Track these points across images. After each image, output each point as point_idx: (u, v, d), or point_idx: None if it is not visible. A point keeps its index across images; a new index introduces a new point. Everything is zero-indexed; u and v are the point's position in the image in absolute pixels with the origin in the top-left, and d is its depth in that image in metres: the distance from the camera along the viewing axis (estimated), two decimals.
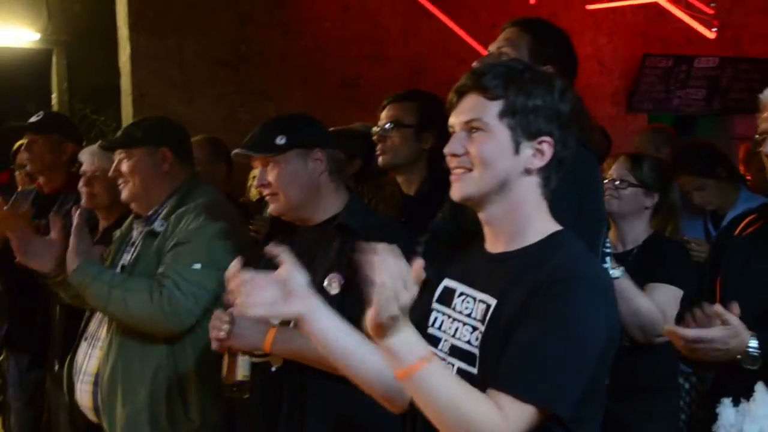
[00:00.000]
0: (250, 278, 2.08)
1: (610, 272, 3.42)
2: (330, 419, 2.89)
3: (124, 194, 3.75)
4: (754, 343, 2.74)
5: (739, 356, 2.75)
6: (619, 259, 3.74)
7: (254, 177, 5.81)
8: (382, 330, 1.89)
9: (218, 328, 2.91)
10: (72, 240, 3.55)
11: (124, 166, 3.71)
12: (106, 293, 3.50)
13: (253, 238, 3.95)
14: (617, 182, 3.93)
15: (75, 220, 3.61)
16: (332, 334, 2.10)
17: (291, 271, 2.09)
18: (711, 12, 8.64)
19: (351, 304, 2.63)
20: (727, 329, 2.72)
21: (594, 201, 3.01)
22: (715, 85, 9.72)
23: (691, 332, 2.78)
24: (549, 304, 2.01)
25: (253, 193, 5.69)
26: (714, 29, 8.61)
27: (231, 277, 2.12)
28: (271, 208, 3.22)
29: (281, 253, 2.11)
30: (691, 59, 9.54)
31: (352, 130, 4.32)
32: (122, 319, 3.56)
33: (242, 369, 2.91)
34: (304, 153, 3.11)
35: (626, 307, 3.48)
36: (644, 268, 3.88)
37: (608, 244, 3.37)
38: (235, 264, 2.17)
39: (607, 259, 3.33)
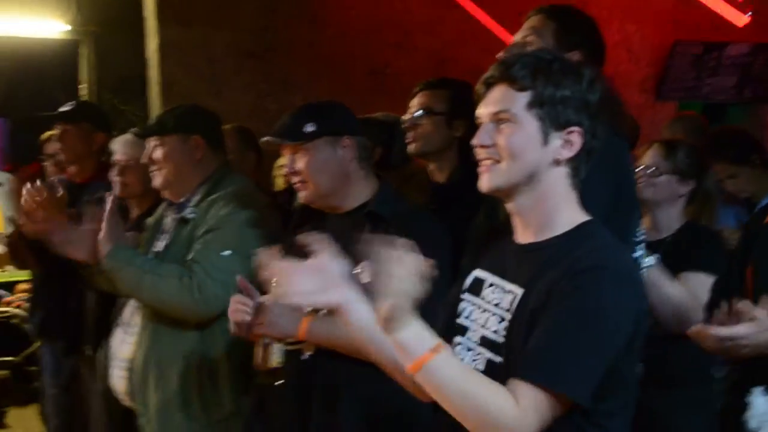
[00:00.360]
0: (287, 266, 2.07)
1: (644, 260, 3.42)
2: (363, 406, 2.89)
3: (157, 181, 3.76)
4: None
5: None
6: (653, 247, 3.67)
7: (280, 166, 5.86)
8: (391, 323, 1.91)
9: (240, 311, 2.92)
10: (104, 226, 3.55)
11: (157, 154, 3.71)
12: (138, 279, 3.52)
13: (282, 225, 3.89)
14: (651, 170, 3.87)
15: (107, 206, 3.61)
16: (368, 324, 2.06)
17: (329, 260, 2.08)
18: None
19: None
20: (755, 325, 2.70)
21: (627, 188, 2.98)
22: (746, 72, 9.53)
23: (721, 331, 2.76)
24: (572, 292, 2.00)
25: (279, 182, 5.73)
26: (747, 15, 8.53)
27: (265, 264, 2.11)
28: (301, 196, 3.20)
29: (319, 241, 2.11)
30: (722, 46, 9.35)
31: (372, 119, 4.24)
32: (153, 304, 3.58)
33: (276, 356, 2.91)
34: (333, 140, 3.10)
35: (658, 296, 3.45)
36: (678, 256, 3.82)
37: (641, 232, 3.31)
38: (268, 252, 2.16)
39: (640, 247, 3.27)
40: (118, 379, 3.79)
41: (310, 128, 3.07)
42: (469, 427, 2.00)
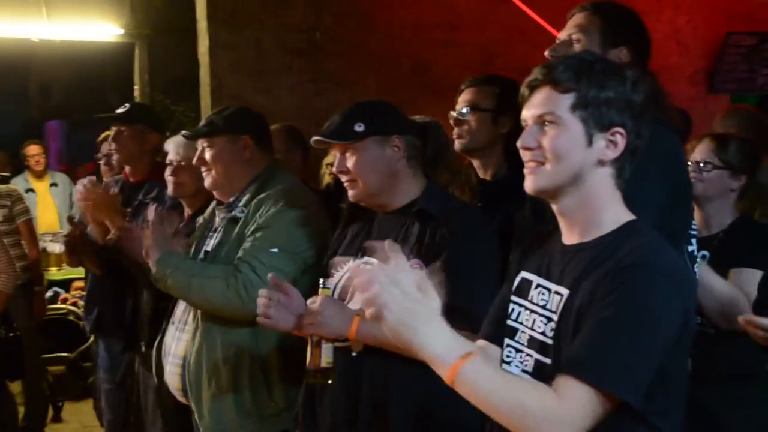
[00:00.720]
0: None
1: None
2: (412, 405, 2.89)
3: (207, 182, 3.80)
4: None
5: None
6: (704, 243, 3.69)
7: (328, 164, 5.89)
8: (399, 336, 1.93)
9: (265, 305, 2.95)
10: (152, 234, 3.60)
11: (207, 155, 3.76)
12: (186, 283, 3.56)
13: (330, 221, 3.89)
14: (701, 164, 3.83)
15: (152, 216, 3.66)
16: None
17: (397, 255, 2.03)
18: None
19: None
20: None
21: (682, 183, 2.97)
22: None
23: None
24: (617, 290, 1.99)
25: (327, 179, 5.78)
26: None
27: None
28: (350, 195, 3.18)
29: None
30: None
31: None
32: (203, 306, 3.62)
33: (326, 356, 2.90)
34: (382, 140, 3.09)
35: (706, 293, 3.44)
36: (730, 252, 3.79)
37: (694, 227, 3.29)
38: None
39: (693, 241, 3.24)
40: (172, 376, 3.82)
41: (359, 128, 3.06)
42: (514, 429, 1.99)
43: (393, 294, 1.89)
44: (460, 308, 2.51)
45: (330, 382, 2.93)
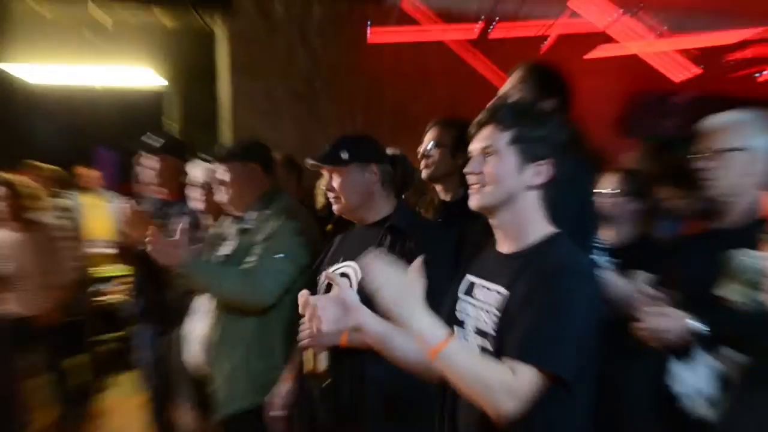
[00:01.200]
0: (316, 302, 2.34)
1: (602, 262, 3.44)
2: (381, 384, 2.92)
3: (223, 198, 3.87)
4: (695, 323, 2.71)
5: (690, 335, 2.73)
6: (616, 253, 3.66)
7: (324, 188, 5.86)
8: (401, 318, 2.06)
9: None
10: (181, 242, 3.63)
11: (225, 176, 3.83)
12: (209, 281, 3.64)
13: (320, 232, 4.00)
14: (611, 191, 3.95)
15: (180, 227, 3.68)
16: (383, 336, 2.27)
17: (345, 291, 2.32)
18: (686, 60, 8.58)
19: None
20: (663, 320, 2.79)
21: (588, 206, 3.12)
22: (690, 116, 9.59)
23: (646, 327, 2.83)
24: (548, 289, 2.09)
25: (320, 200, 5.75)
26: (689, 72, 8.56)
27: (303, 305, 2.39)
28: (334, 208, 3.26)
29: (335, 278, 2.39)
30: (672, 95, 9.55)
31: None
32: (222, 298, 3.68)
33: (323, 362, 2.99)
34: (362, 166, 3.17)
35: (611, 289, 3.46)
36: (633, 261, 3.75)
37: (600, 241, 3.35)
38: (304, 294, 2.47)
39: (599, 252, 3.30)
40: (196, 353, 3.87)
41: (344, 155, 3.15)
42: (477, 400, 2.06)
43: (390, 281, 2.08)
44: None
45: (328, 381, 3.00)
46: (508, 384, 2.00)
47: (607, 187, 3.97)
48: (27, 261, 5.60)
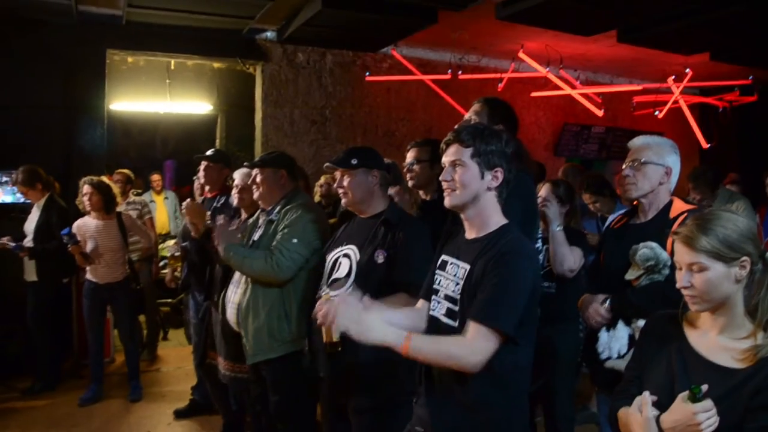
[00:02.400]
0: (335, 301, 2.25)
1: (555, 229, 3.77)
2: (371, 360, 2.81)
3: (256, 195, 3.80)
4: (606, 303, 2.86)
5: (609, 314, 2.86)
6: (546, 241, 3.88)
7: (320, 185, 5.84)
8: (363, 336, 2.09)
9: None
10: (219, 231, 3.63)
11: (258, 179, 3.75)
12: (240, 261, 3.53)
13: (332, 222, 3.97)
14: (546, 197, 3.87)
15: (219, 221, 3.71)
16: (388, 319, 2.17)
17: (353, 300, 2.22)
18: (600, 101, 8.68)
19: (391, 270, 2.90)
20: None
21: (530, 208, 3.04)
22: (603, 142, 9.87)
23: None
24: (500, 266, 2.12)
25: (316, 197, 5.84)
26: (602, 110, 8.58)
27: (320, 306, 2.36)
28: (342, 202, 3.22)
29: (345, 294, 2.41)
30: (590, 127, 9.65)
31: None
32: (250, 274, 3.57)
33: (335, 334, 2.79)
34: (367, 171, 3.11)
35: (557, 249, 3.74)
36: None
37: (540, 234, 3.49)
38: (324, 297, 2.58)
39: (539, 240, 3.42)
40: (231, 315, 3.73)
41: (354, 161, 3.10)
42: (449, 366, 2.12)
43: (351, 318, 2.11)
44: (407, 282, 2.76)
45: (340, 349, 2.81)
46: (467, 346, 2.08)
47: (542, 194, 3.90)
48: (105, 242, 5.48)
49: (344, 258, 3.07)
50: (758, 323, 1.85)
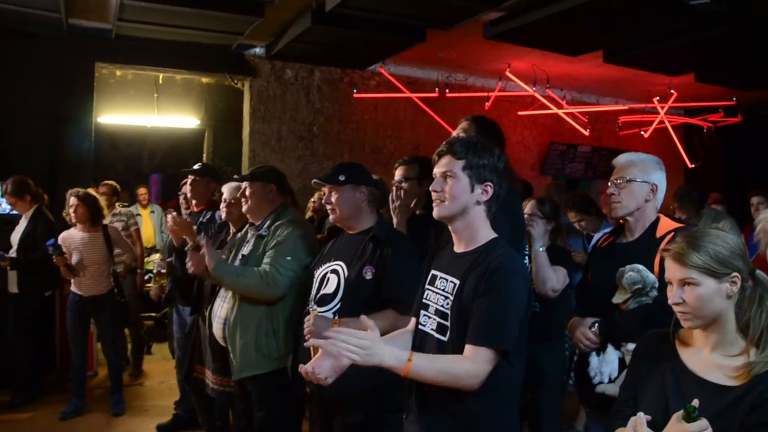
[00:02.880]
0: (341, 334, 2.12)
1: (538, 250, 3.74)
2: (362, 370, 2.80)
3: (245, 208, 3.77)
4: (594, 327, 2.82)
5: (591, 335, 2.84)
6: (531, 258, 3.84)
7: (313, 201, 5.86)
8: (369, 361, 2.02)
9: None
10: (207, 251, 3.59)
11: (247, 192, 3.73)
12: (234, 279, 3.50)
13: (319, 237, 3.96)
14: (531, 215, 3.87)
15: (202, 242, 3.72)
16: (394, 355, 2.07)
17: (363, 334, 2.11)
18: (586, 120, 8.74)
19: (379, 286, 2.89)
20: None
21: (517, 225, 3.03)
22: (589, 162, 9.90)
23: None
24: (493, 285, 2.09)
25: (308, 214, 5.87)
26: (588, 130, 8.65)
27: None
28: (330, 218, 3.20)
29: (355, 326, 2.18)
30: (576, 146, 9.70)
31: None
32: (245, 292, 3.54)
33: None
34: (355, 187, 3.10)
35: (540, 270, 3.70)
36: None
37: (527, 250, 3.46)
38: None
39: (526, 257, 3.38)
40: (217, 329, 3.73)
41: (341, 177, 3.09)
42: (449, 387, 2.10)
43: (370, 346, 2.01)
44: (395, 299, 2.80)
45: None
46: (468, 367, 2.06)
47: (527, 211, 3.89)
48: (90, 254, 5.44)
49: (332, 274, 3.05)
50: (750, 340, 1.86)
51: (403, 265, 2.86)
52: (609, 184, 2.93)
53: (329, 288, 3.03)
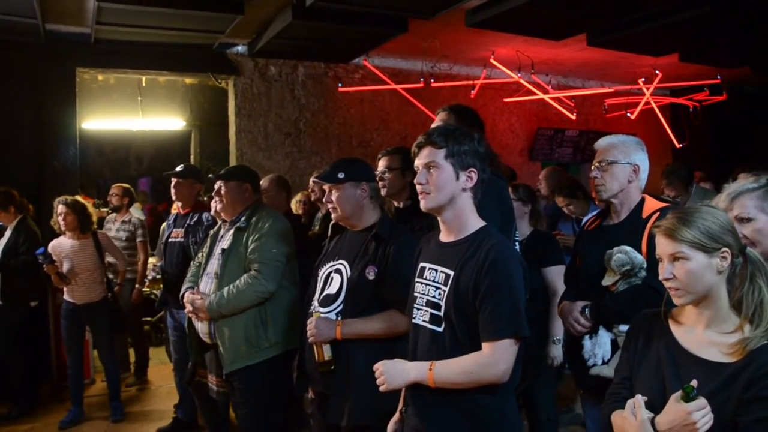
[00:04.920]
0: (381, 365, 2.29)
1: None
2: (364, 350, 2.88)
3: (219, 207, 3.84)
4: (585, 311, 2.84)
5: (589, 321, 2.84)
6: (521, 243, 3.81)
7: (297, 201, 5.84)
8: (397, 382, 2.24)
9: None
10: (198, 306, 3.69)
11: (223, 191, 3.79)
12: (228, 304, 3.56)
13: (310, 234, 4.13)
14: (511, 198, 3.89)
15: (188, 307, 3.78)
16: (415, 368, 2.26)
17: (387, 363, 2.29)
18: (572, 104, 8.74)
19: (381, 286, 2.88)
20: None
21: (506, 210, 3.02)
22: (577, 145, 9.89)
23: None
24: (494, 277, 2.11)
25: (294, 207, 5.81)
26: (574, 114, 8.65)
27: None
28: (333, 217, 3.14)
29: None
30: (563, 131, 9.70)
31: None
32: (247, 305, 3.58)
33: (327, 352, 2.90)
34: (355, 184, 3.04)
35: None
36: (534, 253, 3.92)
37: (517, 236, 3.34)
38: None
39: (516, 244, 3.29)
40: (203, 326, 3.75)
41: (341, 175, 3.03)
42: (474, 385, 2.14)
43: (387, 371, 2.23)
44: (398, 299, 2.71)
45: (333, 368, 2.91)
46: (486, 362, 2.10)
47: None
48: (81, 261, 5.41)
49: (336, 273, 3.04)
50: (744, 316, 1.86)
51: (405, 263, 2.81)
52: (592, 167, 2.96)
53: (332, 288, 3.01)
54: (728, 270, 1.89)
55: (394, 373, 2.21)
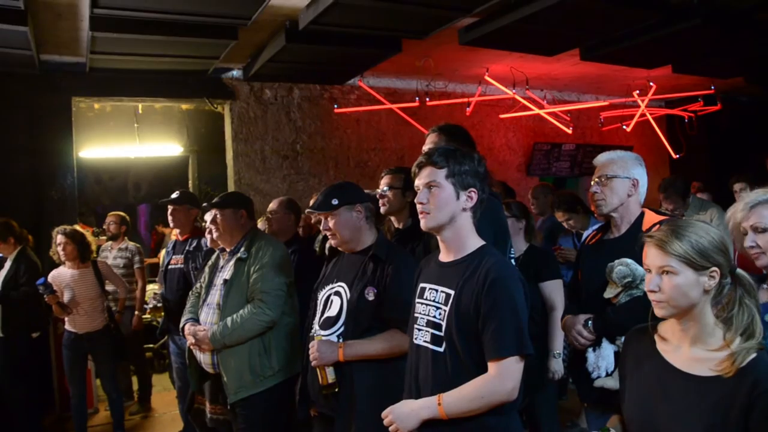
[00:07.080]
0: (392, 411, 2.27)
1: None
2: (366, 375, 2.86)
3: (215, 236, 3.84)
4: (588, 324, 2.84)
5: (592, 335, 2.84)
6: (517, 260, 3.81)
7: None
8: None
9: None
10: (199, 338, 3.66)
11: (218, 219, 3.80)
12: (232, 335, 3.54)
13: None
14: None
15: (190, 339, 3.74)
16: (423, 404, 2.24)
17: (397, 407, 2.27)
18: (568, 119, 8.77)
19: (381, 306, 2.85)
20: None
21: (501, 228, 3.04)
22: (574, 159, 9.91)
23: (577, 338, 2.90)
24: (495, 296, 2.11)
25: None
26: (570, 128, 8.68)
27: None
28: (331, 243, 3.14)
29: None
30: (560, 145, 9.71)
31: None
32: (251, 336, 3.58)
33: (330, 375, 2.88)
34: (350, 207, 3.04)
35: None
36: (531, 269, 3.93)
37: (512, 253, 3.32)
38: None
39: (512, 260, 3.25)
40: (205, 356, 3.72)
41: (335, 202, 3.03)
42: (485, 410, 2.12)
43: (396, 415, 2.22)
44: (398, 318, 2.70)
45: (337, 390, 2.89)
46: (494, 384, 2.09)
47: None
48: (81, 290, 5.42)
49: (335, 296, 3.02)
50: (735, 331, 1.82)
51: (404, 283, 2.80)
52: (591, 183, 3.00)
53: (333, 310, 3.00)
54: (715, 289, 1.86)
55: (403, 416, 2.18)
